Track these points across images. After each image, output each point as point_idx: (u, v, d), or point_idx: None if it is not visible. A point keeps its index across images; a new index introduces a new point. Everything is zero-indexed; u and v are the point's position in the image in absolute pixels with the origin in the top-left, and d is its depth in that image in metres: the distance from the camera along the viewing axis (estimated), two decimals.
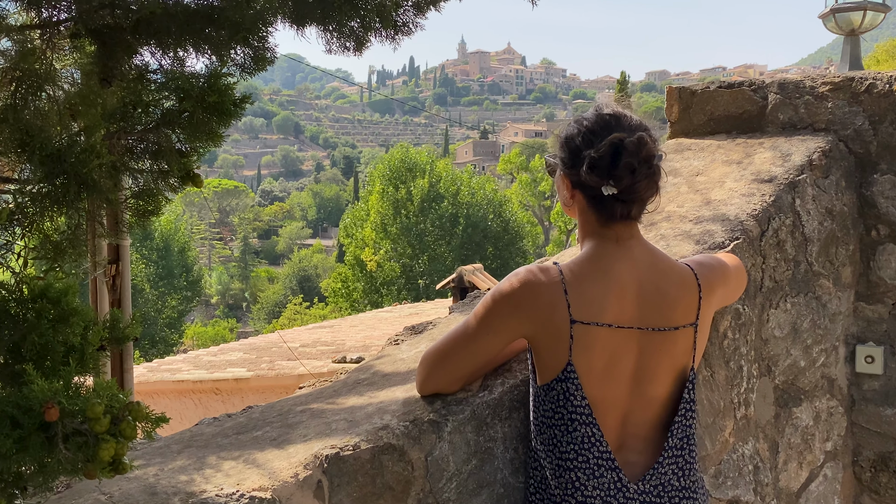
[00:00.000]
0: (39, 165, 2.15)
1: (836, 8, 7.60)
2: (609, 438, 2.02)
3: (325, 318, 36.52)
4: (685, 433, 2.10)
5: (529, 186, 60.01)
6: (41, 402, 1.46)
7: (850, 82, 3.43)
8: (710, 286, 2.12)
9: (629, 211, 2.02)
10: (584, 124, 2.05)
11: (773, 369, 3.05)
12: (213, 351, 14.59)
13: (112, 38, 2.82)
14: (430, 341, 2.64)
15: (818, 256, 3.22)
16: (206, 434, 2.21)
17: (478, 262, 21.23)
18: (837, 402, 3.39)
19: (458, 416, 2.11)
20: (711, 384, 2.75)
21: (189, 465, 1.94)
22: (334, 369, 8.42)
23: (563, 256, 2.86)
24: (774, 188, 3.09)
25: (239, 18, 2.88)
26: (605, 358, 1.99)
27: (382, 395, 2.27)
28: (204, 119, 2.72)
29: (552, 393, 2.02)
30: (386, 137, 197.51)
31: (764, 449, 3.02)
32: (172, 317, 43.91)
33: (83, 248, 2.64)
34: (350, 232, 44.39)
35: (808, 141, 3.38)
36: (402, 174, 43.14)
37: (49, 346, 1.64)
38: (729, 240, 2.82)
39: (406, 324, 2.97)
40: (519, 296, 2.00)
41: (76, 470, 1.51)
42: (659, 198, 2.06)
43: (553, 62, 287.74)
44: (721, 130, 3.69)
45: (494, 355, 2.18)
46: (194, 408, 11.82)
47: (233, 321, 60.13)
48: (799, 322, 3.14)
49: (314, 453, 1.90)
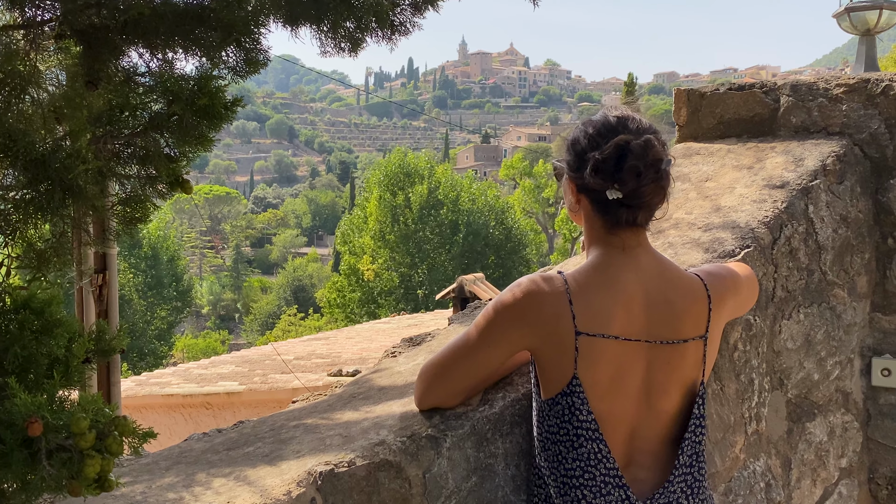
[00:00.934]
0: (23, 171, 2.16)
1: (850, 7, 7.62)
2: (616, 455, 2.02)
3: (320, 330, 36.50)
4: (695, 449, 2.10)
5: (533, 193, 60.03)
6: (24, 416, 1.46)
7: (865, 84, 3.43)
8: (720, 297, 2.12)
9: (635, 217, 2.02)
10: (591, 127, 2.05)
11: (786, 383, 3.05)
12: (204, 364, 14.59)
13: (98, 39, 2.83)
14: (428, 354, 2.64)
15: (832, 265, 3.22)
16: (196, 450, 2.21)
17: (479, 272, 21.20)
18: (852, 417, 3.38)
19: (457, 431, 2.11)
20: (721, 398, 2.75)
21: (178, 483, 1.94)
22: (329, 383, 8.41)
23: (568, 265, 2.87)
24: (787, 194, 3.10)
25: (230, 19, 2.89)
26: (612, 371, 1.99)
27: (379, 409, 2.27)
28: (194, 123, 2.73)
29: (557, 407, 2.02)
30: (384, 142, 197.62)
31: (776, 466, 3.01)
32: (162, 328, 43.86)
33: (68, 256, 2.64)
34: (346, 240, 44.39)
35: (821, 145, 3.38)
36: (400, 180, 43.16)
37: (32, 358, 1.65)
38: (739, 248, 2.82)
39: (404, 335, 2.97)
40: (522, 307, 2.00)
41: (60, 487, 1.51)
42: (667, 204, 2.06)
43: (557, 63, 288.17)
44: (731, 134, 3.70)
45: (496, 368, 2.18)
46: (184, 423, 11.81)
47: (224, 333, 60.08)
48: (812, 333, 3.14)
49: (308, 470, 1.90)
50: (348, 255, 43.40)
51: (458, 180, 45.21)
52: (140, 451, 1.61)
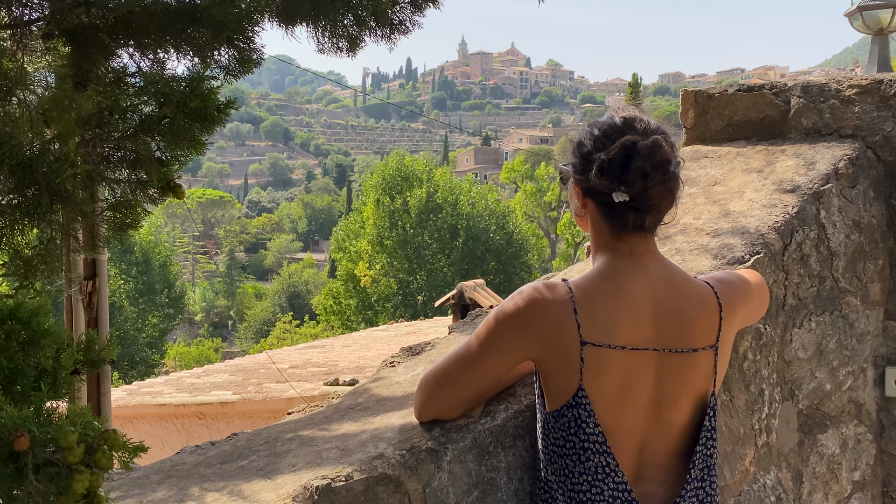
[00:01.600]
0: (9, 175, 2.15)
1: (863, 6, 7.62)
2: (625, 468, 2.01)
3: (316, 338, 36.50)
4: (706, 463, 2.09)
5: (534, 196, 60.05)
6: (10, 430, 1.45)
7: (878, 85, 3.43)
8: (731, 305, 2.11)
9: (642, 221, 2.00)
10: (597, 128, 2.04)
11: (797, 393, 3.04)
12: (197, 372, 14.59)
13: (87, 39, 2.82)
14: (428, 363, 2.62)
15: (845, 272, 3.21)
16: (189, 463, 2.20)
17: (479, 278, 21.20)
18: (866, 429, 3.37)
19: (458, 444, 2.10)
20: (731, 409, 2.74)
21: (170, 498, 1.93)
22: (326, 392, 8.41)
23: (572, 272, 2.86)
24: (798, 199, 3.09)
25: (223, 17, 2.88)
26: (619, 382, 1.98)
27: (377, 421, 2.26)
28: (186, 125, 2.72)
29: (562, 420, 2.00)
30: (381, 144, 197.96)
31: (787, 479, 3.00)
32: (153, 336, 43.92)
33: (57, 263, 2.63)
34: (341, 247, 44.42)
35: (833, 148, 3.37)
36: (398, 184, 43.20)
37: (19, 369, 1.64)
38: (749, 254, 2.81)
39: (403, 343, 2.97)
40: (524, 316, 1.98)
41: (48, 503, 1.50)
42: (675, 208, 2.05)
43: (560, 64, 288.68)
44: (740, 137, 3.69)
45: (498, 379, 2.16)
46: (176, 434, 11.81)
47: (218, 341, 60.03)
48: (824, 342, 3.13)
49: (304, 484, 1.89)
50: (345, 261, 43.43)
51: (457, 184, 45.26)
52: (130, 466, 1.60)
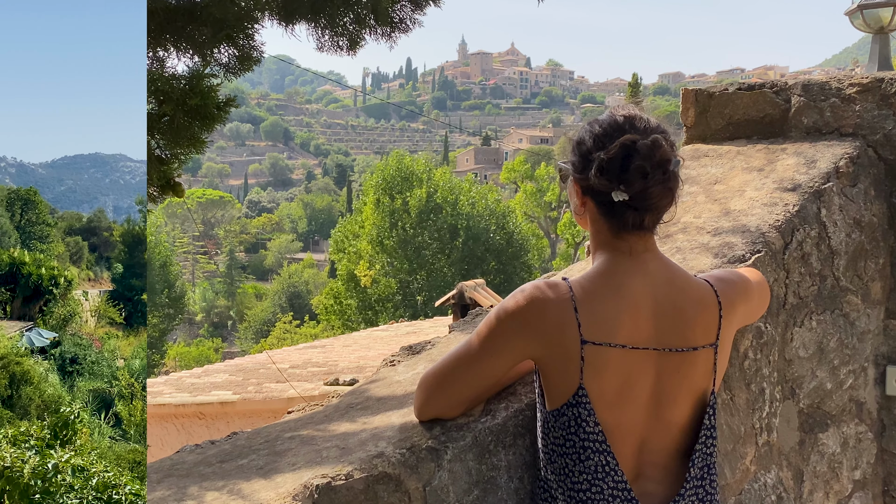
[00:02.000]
0: None
1: (863, 4, 7.62)
2: (625, 467, 2.00)
3: (316, 338, 36.49)
4: (706, 462, 2.09)
5: (535, 196, 60.07)
6: None
7: (879, 84, 3.42)
8: (730, 304, 2.11)
9: (642, 220, 2.00)
10: (597, 126, 2.04)
11: (798, 392, 3.04)
12: (197, 372, 14.59)
13: None
14: (428, 363, 2.62)
15: (846, 271, 3.21)
16: (188, 462, 2.20)
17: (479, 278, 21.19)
18: (866, 428, 3.37)
19: (458, 442, 2.09)
20: (731, 408, 2.74)
21: (169, 496, 1.93)
22: (326, 392, 8.40)
23: (572, 271, 2.85)
24: (798, 197, 3.08)
25: (223, 15, 2.87)
26: (619, 381, 1.98)
27: (377, 420, 2.26)
28: (185, 124, 2.72)
29: (563, 419, 2.00)
30: (381, 144, 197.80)
31: (788, 478, 3.00)
32: (153, 336, 43.91)
33: None
34: (341, 247, 44.42)
35: (834, 147, 3.37)
36: (398, 184, 43.20)
37: None
38: (750, 253, 2.81)
39: (403, 343, 2.96)
40: (525, 314, 1.98)
41: None
42: (675, 207, 2.05)
43: (560, 64, 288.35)
44: (741, 135, 3.68)
45: (498, 378, 2.16)
46: (176, 433, 11.81)
47: (218, 341, 60.10)
48: (825, 341, 3.13)
49: (303, 483, 1.88)
50: (345, 261, 43.43)
51: (457, 184, 45.27)
52: None
